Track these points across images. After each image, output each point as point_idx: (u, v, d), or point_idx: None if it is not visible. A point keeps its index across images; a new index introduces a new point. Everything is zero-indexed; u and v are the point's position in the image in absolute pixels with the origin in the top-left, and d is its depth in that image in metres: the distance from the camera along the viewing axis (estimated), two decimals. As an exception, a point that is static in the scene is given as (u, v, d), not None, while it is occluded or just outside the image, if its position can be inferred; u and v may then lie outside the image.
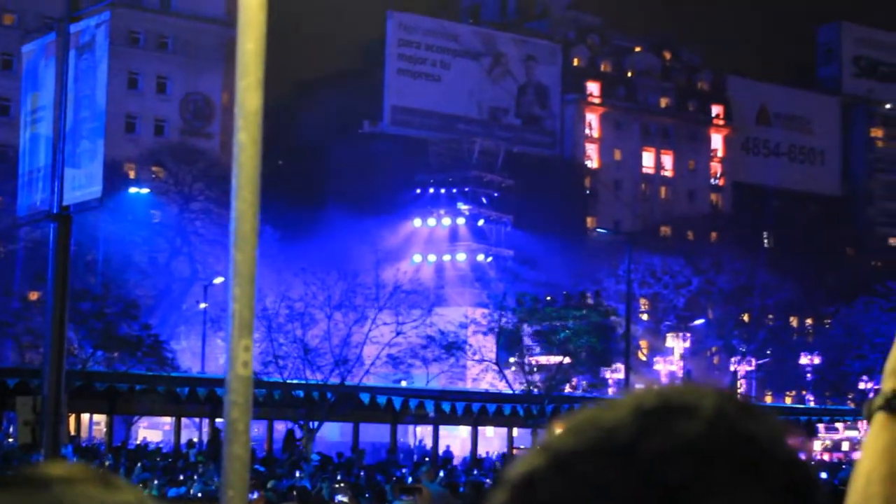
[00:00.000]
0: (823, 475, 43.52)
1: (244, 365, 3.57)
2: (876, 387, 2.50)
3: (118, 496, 1.30)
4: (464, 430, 65.89)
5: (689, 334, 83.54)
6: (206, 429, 55.26)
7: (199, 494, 25.05)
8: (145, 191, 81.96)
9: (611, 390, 66.12)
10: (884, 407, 2.38)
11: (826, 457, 68.32)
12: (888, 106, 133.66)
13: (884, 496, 2.30)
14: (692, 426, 1.27)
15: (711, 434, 1.27)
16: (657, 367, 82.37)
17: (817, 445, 73.34)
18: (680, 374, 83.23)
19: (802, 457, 1.31)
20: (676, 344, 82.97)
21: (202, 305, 66.13)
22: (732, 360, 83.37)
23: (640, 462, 1.25)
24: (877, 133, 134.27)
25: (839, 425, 72.07)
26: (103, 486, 1.32)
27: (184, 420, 56.33)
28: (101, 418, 60.17)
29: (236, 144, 3.64)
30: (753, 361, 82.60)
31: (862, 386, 76.40)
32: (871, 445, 2.36)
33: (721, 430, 1.27)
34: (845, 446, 70.59)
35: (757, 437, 1.28)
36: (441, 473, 35.20)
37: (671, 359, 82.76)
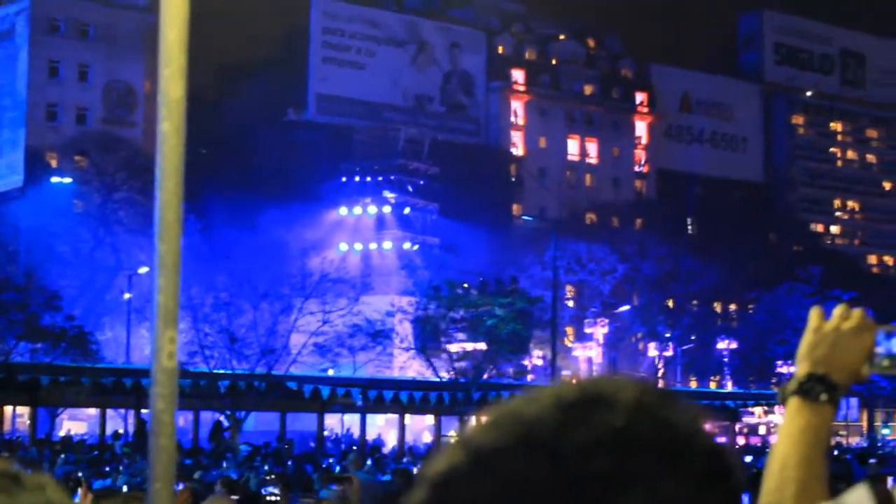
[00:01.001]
0: (748, 459, 44.02)
1: (169, 356, 3.56)
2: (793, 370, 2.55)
3: (23, 498, 1.26)
4: (380, 419, 65.85)
5: (608, 320, 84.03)
6: (131, 420, 54.84)
7: (125, 487, 24.86)
8: (68, 180, 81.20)
9: (530, 377, 66.35)
10: (797, 391, 2.43)
11: (742, 441, 69.24)
12: (809, 93, 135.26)
13: (799, 479, 2.35)
14: (612, 417, 1.26)
15: (632, 424, 1.26)
16: (576, 353, 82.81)
17: (730, 429, 74.41)
18: (600, 360, 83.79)
19: (723, 443, 1.31)
20: (597, 330, 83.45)
21: (126, 295, 65.60)
22: (651, 345, 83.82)
23: (562, 455, 1.24)
24: (798, 120, 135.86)
25: (756, 409, 72.97)
26: (11, 486, 1.28)
27: (109, 411, 55.87)
28: (24, 410, 59.54)
29: (160, 134, 3.62)
30: (671, 347, 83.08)
31: (785, 370, 77.35)
32: (786, 430, 2.41)
33: (641, 420, 1.26)
34: (762, 430, 71.47)
35: (677, 426, 1.27)
36: (369, 462, 35.19)
37: (590, 345, 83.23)
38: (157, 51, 3.79)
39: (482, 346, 59.31)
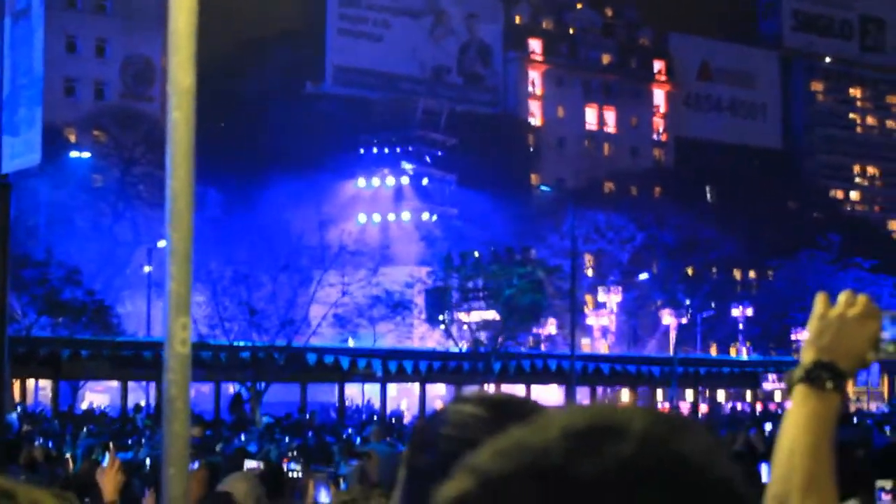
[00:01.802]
0: (767, 426, 43.99)
1: (182, 343, 3.58)
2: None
3: None
4: (392, 388, 65.86)
5: (621, 289, 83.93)
6: (153, 392, 55.09)
7: (147, 459, 24.99)
8: (86, 155, 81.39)
9: (543, 346, 66.24)
10: (803, 379, 2.43)
11: (760, 407, 69.32)
12: (828, 59, 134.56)
13: (806, 467, 2.36)
14: (622, 447, 1.24)
15: (641, 455, 1.24)
16: (590, 321, 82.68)
17: (750, 396, 74.55)
18: (614, 328, 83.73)
19: (736, 472, 1.28)
20: (611, 298, 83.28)
21: (146, 269, 65.78)
22: (666, 311, 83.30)
23: (573, 485, 1.22)
24: (817, 87, 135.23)
25: (771, 376, 73.15)
26: (3, 502, 1.33)
27: (130, 383, 56.13)
28: (46, 384, 59.83)
29: (169, 122, 3.63)
30: (689, 314, 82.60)
31: (804, 336, 77.26)
32: (793, 418, 2.41)
33: (652, 451, 1.24)
34: (778, 396, 71.52)
35: (688, 457, 1.25)
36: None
37: (604, 313, 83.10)
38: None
39: (494, 315, 59.38)
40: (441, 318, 60.48)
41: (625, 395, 71.82)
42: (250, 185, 78.28)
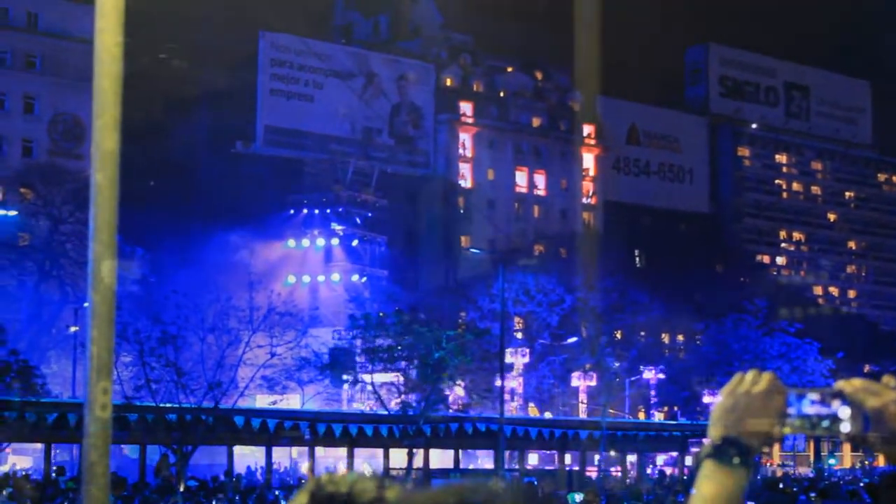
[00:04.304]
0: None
1: (102, 407, 3.55)
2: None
3: None
4: (320, 450, 65.40)
5: (528, 350, 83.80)
6: (76, 454, 54.30)
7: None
8: (13, 213, 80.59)
9: (452, 408, 65.87)
10: (711, 455, 2.45)
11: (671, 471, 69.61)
12: (754, 125, 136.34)
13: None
14: None
15: None
16: (497, 383, 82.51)
17: (660, 460, 74.73)
18: (520, 390, 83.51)
19: None
20: (517, 360, 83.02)
21: (72, 329, 65.08)
22: (574, 374, 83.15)
23: None
24: (743, 152, 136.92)
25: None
26: None
27: (58, 445, 55.32)
28: (-33, 446, 58.75)
29: (93, 186, 3.62)
30: (595, 377, 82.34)
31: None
32: (702, 493, 2.43)
33: None
34: (689, 461, 71.86)
35: None
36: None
37: (512, 374, 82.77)
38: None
39: (398, 377, 59.03)
40: (345, 377, 60.15)
41: (547, 458, 71.63)
42: (179, 243, 77.82)
